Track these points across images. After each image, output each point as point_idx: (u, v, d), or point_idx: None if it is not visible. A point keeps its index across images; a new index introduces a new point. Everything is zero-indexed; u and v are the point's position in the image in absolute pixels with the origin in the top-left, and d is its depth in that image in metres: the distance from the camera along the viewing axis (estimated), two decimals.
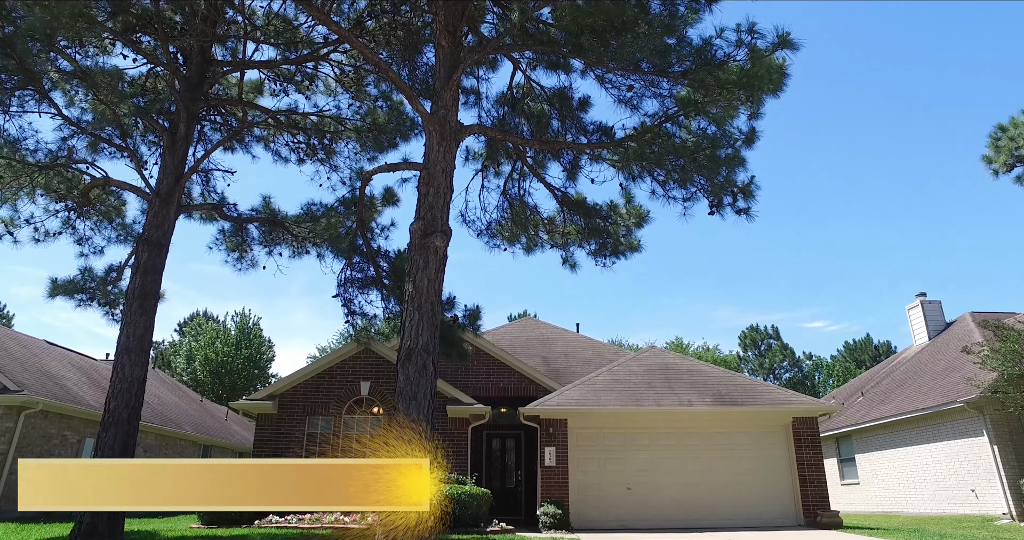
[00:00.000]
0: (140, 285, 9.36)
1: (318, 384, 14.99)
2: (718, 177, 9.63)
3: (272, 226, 13.02)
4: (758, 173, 10.48)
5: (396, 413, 6.66)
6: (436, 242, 7.24)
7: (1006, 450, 16.26)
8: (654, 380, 16.06)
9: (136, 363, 9.01)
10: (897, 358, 25.82)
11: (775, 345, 46.27)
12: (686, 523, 14.32)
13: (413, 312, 6.96)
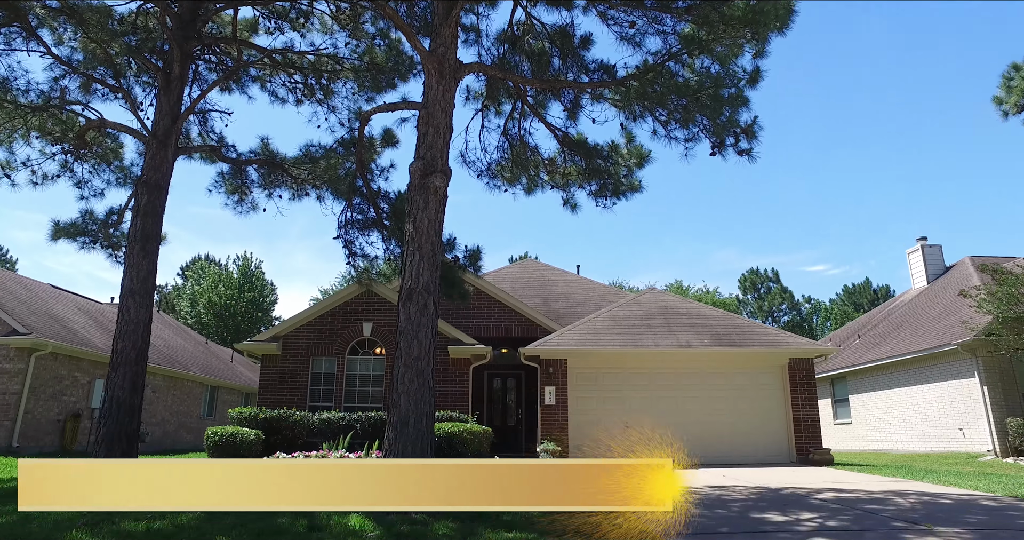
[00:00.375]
0: (141, 228, 9.39)
1: (321, 325, 15.21)
2: (721, 117, 9.49)
3: (271, 168, 12.93)
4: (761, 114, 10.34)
5: (398, 352, 6.80)
6: (436, 182, 7.23)
7: (995, 391, 16.61)
8: (653, 321, 16.27)
9: (141, 305, 9.13)
10: (894, 302, 26.05)
11: (775, 288, 46.60)
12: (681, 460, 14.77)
13: (414, 252, 7.01)
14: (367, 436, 13.54)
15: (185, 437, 21.65)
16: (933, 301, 22.11)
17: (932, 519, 6.83)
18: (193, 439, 21.75)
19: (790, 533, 6.15)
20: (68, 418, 17.06)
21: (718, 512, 7.66)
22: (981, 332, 16.29)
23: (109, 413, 8.72)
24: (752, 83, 9.67)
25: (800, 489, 9.81)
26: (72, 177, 12.92)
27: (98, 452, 8.56)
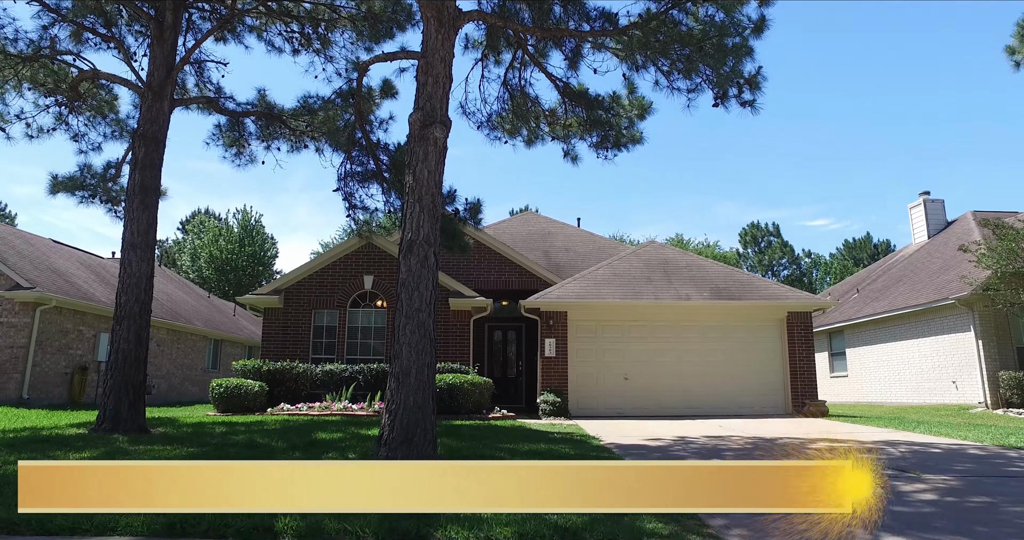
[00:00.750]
0: (140, 181, 9.33)
1: (322, 278, 15.28)
2: (724, 67, 9.32)
3: (269, 120, 12.75)
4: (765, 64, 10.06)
5: (399, 304, 6.85)
6: (436, 133, 7.15)
7: (989, 344, 16.80)
8: (653, 274, 16.34)
9: (143, 258, 9.15)
10: (894, 256, 26.08)
11: (775, 242, 46.56)
12: (680, 411, 15.06)
13: (414, 204, 6.99)
14: (369, 387, 13.78)
15: (191, 389, 22.02)
16: (933, 256, 22.14)
17: (921, 467, 7.02)
18: (198, 391, 22.13)
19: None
20: (75, 371, 17.33)
21: (713, 461, 7.86)
22: (979, 287, 16.38)
23: (115, 365, 8.85)
24: (757, 32, 9.45)
25: (794, 439, 10.04)
26: (68, 130, 12.76)
27: (106, 402, 8.72)
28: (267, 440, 8.18)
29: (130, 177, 9.39)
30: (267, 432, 9.27)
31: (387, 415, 6.59)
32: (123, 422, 8.64)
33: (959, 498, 5.38)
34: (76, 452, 6.88)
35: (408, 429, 6.47)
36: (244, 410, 12.85)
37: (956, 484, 5.99)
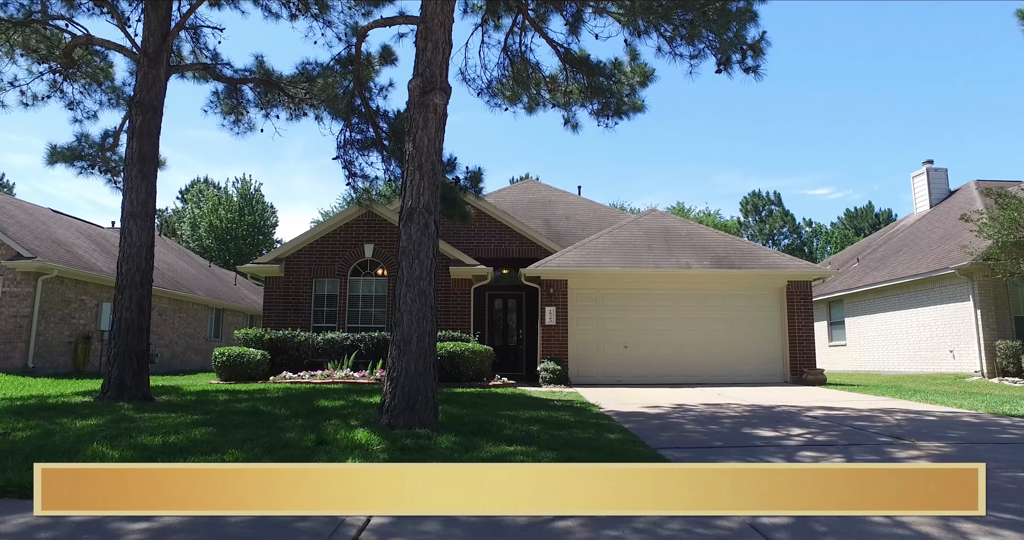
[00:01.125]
0: (137, 150, 9.25)
1: (323, 247, 15.28)
2: (728, 33, 9.17)
3: (267, 87, 12.59)
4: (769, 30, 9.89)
5: (400, 272, 6.86)
6: (435, 100, 7.06)
7: (988, 314, 16.87)
8: (654, 243, 16.33)
9: (143, 228, 9.13)
10: (895, 226, 26.02)
11: (776, 211, 46.40)
12: (679, 380, 15.21)
13: (414, 172, 6.95)
14: (371, 355, 13.89)
15: (193, 358, 22.20)
16: (934, 225, 22.08)
17: (916, 434, 7.11)
18: (201, 360, 22.32)
19: (779, 447, 6.41)
20: (79, 340, 17.45)
21: (711, 427, 7.95)
22: (979, 256, 16.37)
23: (118, 335, 8.90)
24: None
25: (792, 407, 10.15)
26: (63, 98, 12.61)
27: (110, 371, 8.79)
28: (270, 408, 8.28)
29: (128, 146, 9.31)
30: (269, 400, 9.37)
31: (388, 383, 6.66)
32: (127, 390, 8.73)
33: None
34: (82, 419, 6.96)
35: (410, 396, 6.54)
36: (247, 378, 12.97)
37: (950, 451, 6.08)
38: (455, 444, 5.83)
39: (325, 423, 6.82)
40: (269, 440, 5.70)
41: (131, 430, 6.20)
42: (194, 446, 5.44)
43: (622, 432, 7.20)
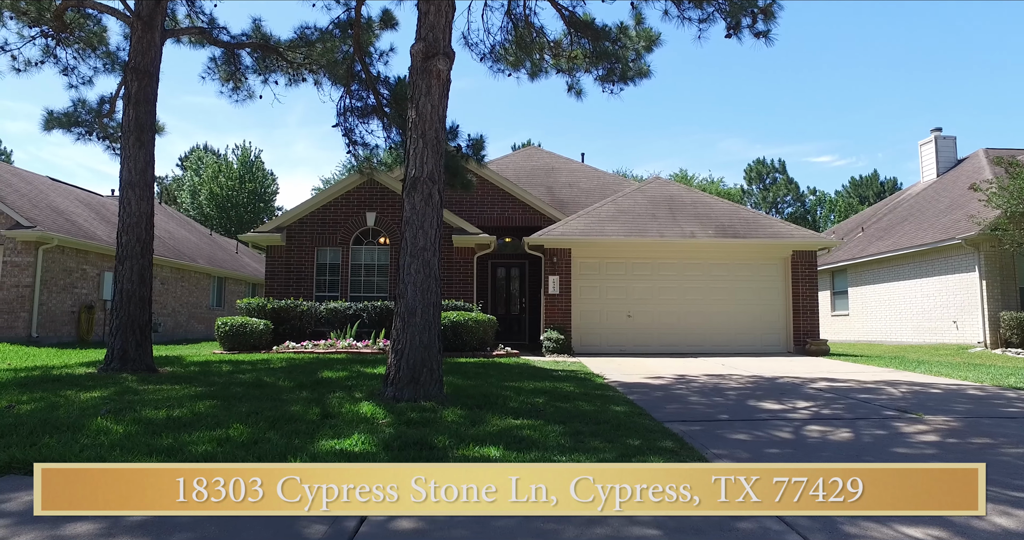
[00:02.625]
0: (135, 117, 9.05)
1: (324, 216, 15.13)
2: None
3: (265, 52, 12.30)
4: None
5: (403, 242, 6.75)
6: (439, 65, 6.86)
7: (993, 285, 16.78)
8: (658, 211, 16.17)
9: (142, 197, 8.99)
10: (901, 195, 25.75)
11: (780, 179, 45.99)
12: (682, 349, 15.21)
13: (417, 139, 6.78)
14: (373, 325, 13.87)
15: (196, 327, 22.23)
16: (941, 194, 21.84)
17: (922, 408, 7.08)
18: (204, 329, 22.35)
19: (785, 421, 6.38)
20: (82, 309, 17.44)
21: (716, 400, 7.94)
22: (987, 226, 16.21)
23: (120, 305, 8.83)
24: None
25: (795, 378, 10.14)
26: (57, 63, 12.34)
27: (113, 342, 8.76)
28: (273, 379, 8.26)
29: (124, 113, 9.12)
30: (273, 371, 9.36)
31: (393, 355, 6.61)
32: (131, 361, 8.71)
33: (960, 439, 5.43)
34: (86, 391, 6.94)
35: (415, 368, 6.50)
36: (250, 348, 12.97)
37: (957, 425, 6.04)
38: (461, 417, 5.80)
39: (330, 395, 6.79)
40: (273, 414, 5.67)
41: (134, 403, 6.18)
42: (198, 420, 5.41)
43: (627, 404, 7.18)
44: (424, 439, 4.95)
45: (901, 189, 45.60)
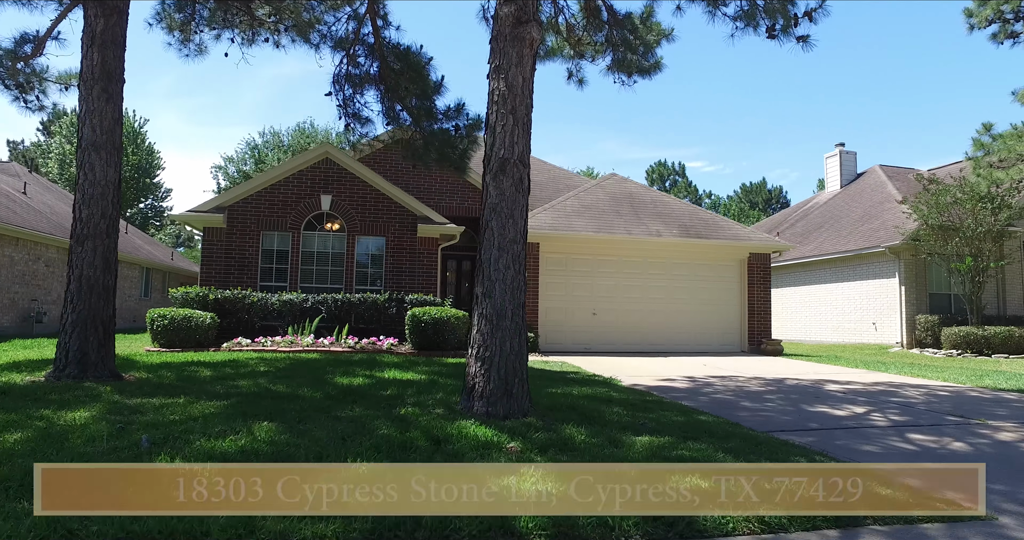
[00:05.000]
0: (100, 62, 7.29)
1: (273, 196, 13.45)
2: None
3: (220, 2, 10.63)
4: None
5: (488, 233, 5.82)
6: (532, 32, 5.99)
7: (910, 290, 18.12)
8: (621, 208, 15.93)
9: (108, 163, 7.27)
10: (809, 203, 27.42)
11: (680, 182, 47.95)
12: (645, 348, 15.07)
13: (506, 116, 5.88)
14: (335, 320, 12.52)
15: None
16: (851, 205, 23.41)
17: (960, 411, 7.25)
18: None
19: (878, 429, 6.28)
20: None
21: (767, 404, 7.68)
22: (909, 236, 17.46)
23: (78, 296, 7.09)
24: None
25: (798, 379, 10.19)
26: None
27: (68, 341, 7.03)
28: (287, 387, 7.00)
29: (86, 58, 7.35)
30: (265, 375, 8.01)
31: (478, 363, 5.69)
32: (92, 366, 7.07)
33: None
34: (64, 409, 5.42)
35: (507, 379, 5.64)
36: (193, 345, 11.21)
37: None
38: (588, 437, 5.05)
39: (393, 411, 5.74)
40: (372, 441, 4.60)
41: (155, 427, 4.86)
42: (279, 452, 4.28)
43: (699, 413, 6.74)
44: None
45: (785, 196, 49.10)
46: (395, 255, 13.77)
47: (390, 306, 12.67)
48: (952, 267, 16.80)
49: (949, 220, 16.70)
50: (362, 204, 13.69)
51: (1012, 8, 15.52)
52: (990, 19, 15.90)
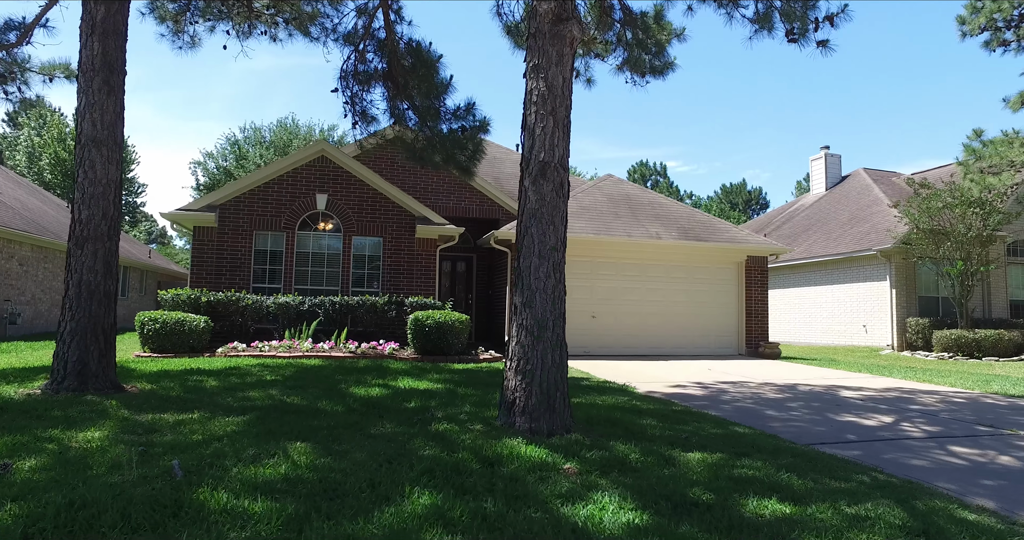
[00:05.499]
0: (101, 52, 6.83)
1: (266, 195, 12.98)
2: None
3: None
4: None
5: (527, 240, 5.54)
6: (572, 31, 5.73)
7: (900, 293, 18.27)
8: (619, 210, 15.76)
9: (110, 159, 6.82)
10: (794, 205, 27.59)
11: (662, 182, 48.10)
12: (643, 351, 14.92)
13: (546, 117, 5.61)
14: (332, 323, 12.13)
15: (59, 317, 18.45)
16: (837, 207, 23.58)
17: (988, 420, 7.19)
18: None
19: (917, 441, 6.21)
20: None
21: (792, 413, 7.55)
22: (900, 240, 17.59)
23: (78, 303, 6.63)
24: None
25: (809, 385, 10.10)
26: None
27: (67, 351, 6.56)
28: (301, 399, 6.66)
29: (85, 48, 6.89)
30: (274, 385, 7.63)
31: (518, 376, 5.42)
32: (92, 377, 6.63)
33: None
34: (73, 429, 5.03)
35: (549, 394, 5.38)
36: (187, 350, 10.73)
37: None
38: (642, 455, 4.81)
39: (433, 427, 5.44)
40: (423, 464, 4.29)
41: (179, 449, 4.51)
42: (324, 477, 3.97)
43: (733, 424, 6.56)
44: (674, 494, 3.93)
45: (765, 198, 49.55)
46: (393, 256, 13.40)
47: (389, 309, 12.31)
48: (944, 271, 16.97)
49: (939, 224, 16.86)
50: (359, 204, 13.30)
51: (1004, 17, 15.69)
52: (982, 27, 16.05)
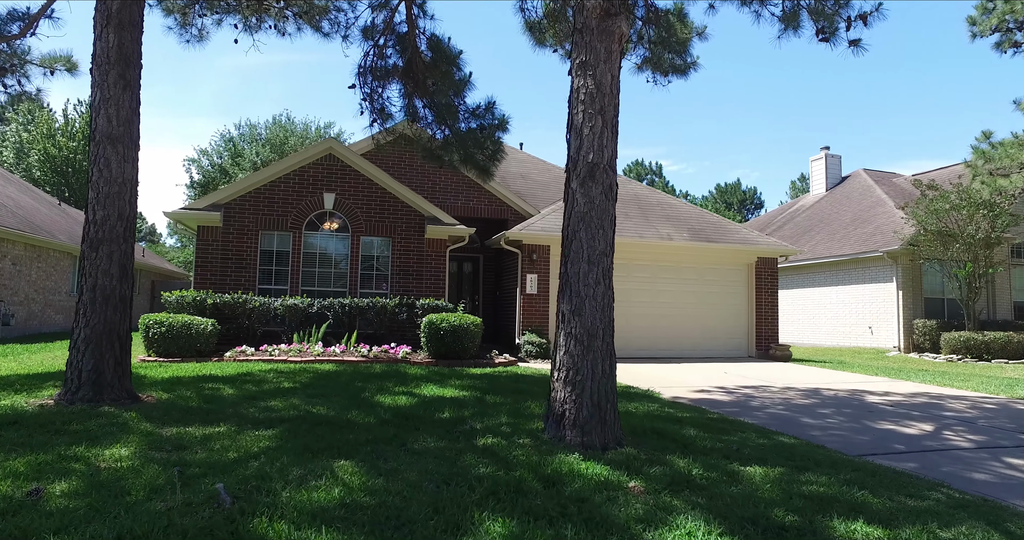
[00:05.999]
0: (116, 45, 6.49)
1: (272, 194, 12.62)
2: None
3: None
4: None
5: (576, 245, 5.29)
6: (622, 26, 5.48)
7: (907, 295, 18.21)
8: (629, 210, 15.54)
9: (126, 157, 6.49)
10: (795, 205, 27.52)
11: (657, 181, 47.99)
12: (654, 353, 14.72)
13: (594, 117, 5.36)
14: (342, 326, 11.82)
15: (54, 318, 17.96)
16: (839, 208, 23.51)
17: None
18: (63, 320, 18.15)
19: (967, 452, 6.08)
20: None
21: (828, 421, 7.37)
22: (907, 241, 17.51)
23: (92, 308, 6.29)
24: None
25: (833, 390, 9.95)
26: None
27: (81, 359, 6.22)
28: (327, 409, 6.38)
29: (100, 40, 6.54)
30: (294, 392, 7.33)
31: (568, 387, 5.17)
32: (108, 387, 6.30)
33: None
34: (98, 446, 4.72)
35: (600, 405, 5.14)
36: (194, 354, 10.38)
37: None
38: (703, 470, 4.58)
39: (479, 440, 5.18)
40: (485, 486, 4.03)
41: (216, 469, 4.23)
42: (382, 502, 3.72)
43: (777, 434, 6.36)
44: (756, 516, 3.70)
45: (760, 198, 49.61)
46: (402, 257, 13.10)
47: (400, 311, 12.02)
48: (952, 273, 16.91)
49: (947, 226, 16.79)
50: (367, 203, 12.98)
51: (1016, 19, 15.60)
52: (994, 28, 15.96)
